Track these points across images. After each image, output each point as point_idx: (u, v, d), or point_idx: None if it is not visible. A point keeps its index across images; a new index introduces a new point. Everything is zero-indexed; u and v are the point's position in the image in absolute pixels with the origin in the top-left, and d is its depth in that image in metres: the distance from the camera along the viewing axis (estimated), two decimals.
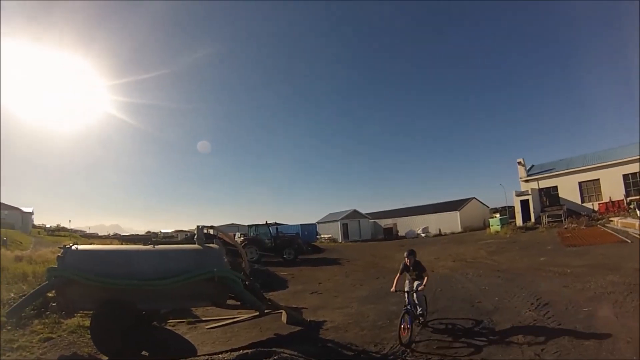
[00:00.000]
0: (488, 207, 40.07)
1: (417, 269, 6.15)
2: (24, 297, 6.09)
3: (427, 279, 5.98)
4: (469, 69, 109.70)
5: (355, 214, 41.73)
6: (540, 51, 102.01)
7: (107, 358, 5.19)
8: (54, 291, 5.81)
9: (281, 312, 6.97)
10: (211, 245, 6.46)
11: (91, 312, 5.92)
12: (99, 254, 6.29)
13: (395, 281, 6.10)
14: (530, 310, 6.28)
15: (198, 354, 5.30)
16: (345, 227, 39.83)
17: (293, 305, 7.92)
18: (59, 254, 5.76)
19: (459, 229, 35.06)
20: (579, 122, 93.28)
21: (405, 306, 5.60)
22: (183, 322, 6.95)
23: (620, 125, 72.79)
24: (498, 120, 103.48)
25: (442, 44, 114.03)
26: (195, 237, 6.75)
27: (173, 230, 61.44)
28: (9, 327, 6.09)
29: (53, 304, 6.13)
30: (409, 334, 5.25)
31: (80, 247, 6.16)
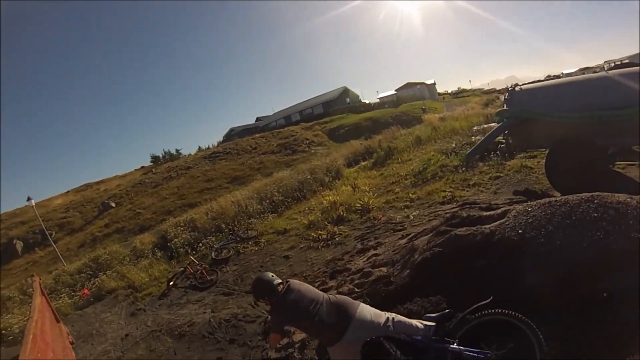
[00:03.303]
0: None
1: None
2: (479, 141, 6.83)
3: None
4: None
5: None
6: None
7: (559, 194, 5.09)
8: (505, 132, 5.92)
9: None
10: None
11: (543, 150, 5.90)
12: (547, 89, 5.74)
13: None
14: None
15: None
16: None
17: None
18: (505, 96, 5.83)
19: None
20: None
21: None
22: (634, 164, 5.74)
23: None
24: None
25: None
26: None
27: (577, 69, 53.07)
28: (463, 169, 7.38)
29: (502, 146, 6.79)
30: None
31: (524, 86, 5.85)
